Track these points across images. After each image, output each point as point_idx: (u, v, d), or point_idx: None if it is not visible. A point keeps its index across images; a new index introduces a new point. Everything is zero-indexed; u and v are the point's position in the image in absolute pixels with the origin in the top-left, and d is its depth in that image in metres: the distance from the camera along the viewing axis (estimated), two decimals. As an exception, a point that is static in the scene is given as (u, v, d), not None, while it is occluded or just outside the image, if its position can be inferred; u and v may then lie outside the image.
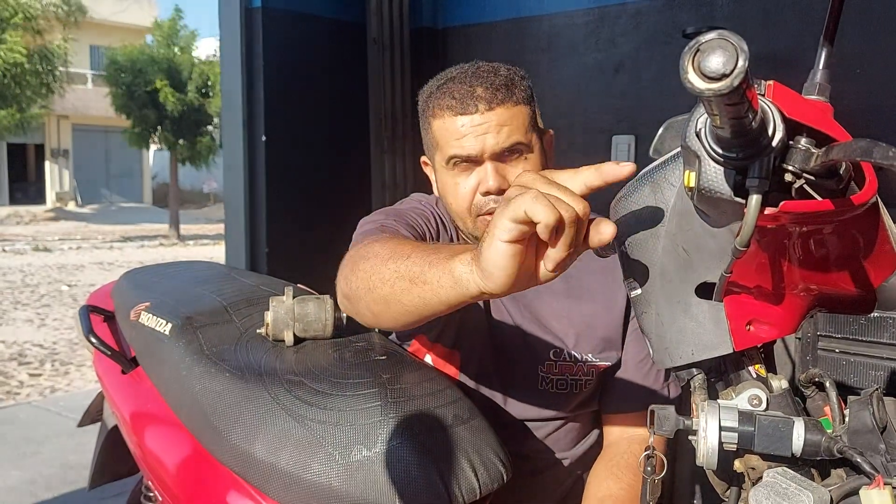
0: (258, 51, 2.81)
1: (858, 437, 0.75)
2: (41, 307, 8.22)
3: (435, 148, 1.30)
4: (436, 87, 1.28)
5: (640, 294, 0.84)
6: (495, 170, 1.23)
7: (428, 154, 1.36)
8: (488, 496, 1.08)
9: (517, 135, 1.23)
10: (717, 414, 0.78)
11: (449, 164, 1.26)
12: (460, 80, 1.25)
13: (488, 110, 1.22)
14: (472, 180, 1.25)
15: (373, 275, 0.97)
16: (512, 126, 1.23)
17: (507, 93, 1.23)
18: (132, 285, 1.55)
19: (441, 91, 1.26)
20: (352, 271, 1.04)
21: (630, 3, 2.76)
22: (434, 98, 1.27)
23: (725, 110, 0.56)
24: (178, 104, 17.02)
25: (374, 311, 1.00)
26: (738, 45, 0.52)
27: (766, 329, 0.79)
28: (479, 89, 1.22)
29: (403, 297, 0.91)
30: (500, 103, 1.22)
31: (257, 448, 1.07)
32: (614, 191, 0.86)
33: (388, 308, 0.96)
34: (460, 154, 1.24)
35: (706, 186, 0.65)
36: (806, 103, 0.68)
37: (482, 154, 1.23)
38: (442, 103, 1.25)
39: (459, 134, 1.23)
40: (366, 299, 0.99)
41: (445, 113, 1.24)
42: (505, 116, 1.22)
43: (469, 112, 1.22)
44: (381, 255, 0.98)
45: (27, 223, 20.65)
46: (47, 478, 3.40)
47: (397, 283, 0.92)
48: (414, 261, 0.90)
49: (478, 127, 1.22)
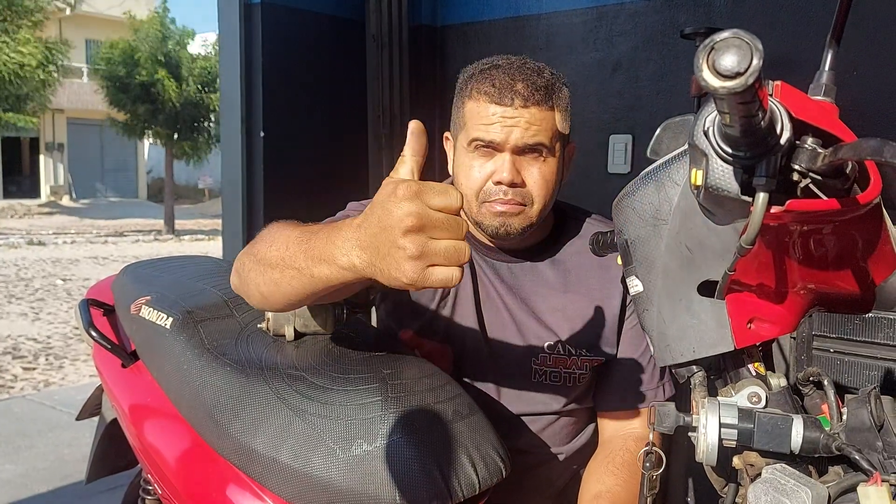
0: (257, 46, 2.81)
1: (856, 434, 0.76)
2: (35, 301, 8.20)
3: (461, 127, 1.32)
4: (478, 70, 1.30)
5: (642, 291, 0.85)
6: (512, 163, 1.26)
7: (452, 131, 1.38)
8: (487, 491, 1.08)
9: (542, 136, 1.25)
10: (717, 411, 0.78)
11: (470, 146, 1.28)
12: (504, 70, 1.27)
13: (522, 107, 1.24)
14: (489, 167, 1.27)
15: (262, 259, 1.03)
16: (540, 127, 1.25)
17: (545, 95, 1.26)
18: (132, 279, 1.54)
19: (482, 75, 1.28)
20: (246, 254, 1.11)
21: (628, 3, 2.77)
22: (474, 80, 1.29)
23: (737, 109, 0.57)
24: (179, 97, 16.96)
25: (262, 292, 1.05)
26: (752, 43, 0.53)
27: (767, 327, 0.80)
28: (520, 85, 1.25)
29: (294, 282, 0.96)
30: (535, 103, 1.24)
31: (258, 442, 1.07)
32: (618, 189, 0.87)
33: (277, 289, 1.01)
34: (484, 138, 1.26)
35: (713, 184, 0.65)
36: (812, 104, 0.69)
37: (504, 144, 1.25)
38: (481, 87, 1.27)
39: (489, 120, 1.25)
40: (256, 281, 1.05)
41: (482, 98, 1.26)
42: (537, 117, 1.25)
43: (504, 104, 1.24)
44: (268, 241, 1.04)
45: (21, 217, 20.58)
46: (42, 471, 3.40)
47: (286, 270, 0.97)
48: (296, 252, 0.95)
49: (508, 119, 1.24)
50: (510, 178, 1.25)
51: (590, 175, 2.88)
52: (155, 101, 17.05)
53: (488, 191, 1.28)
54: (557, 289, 1.37)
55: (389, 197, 0.79)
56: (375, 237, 0.80)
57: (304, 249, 0.94)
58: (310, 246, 0.93)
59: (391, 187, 0.80)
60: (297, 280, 0.95)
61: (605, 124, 2.84)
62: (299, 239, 0.97)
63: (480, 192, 1.29)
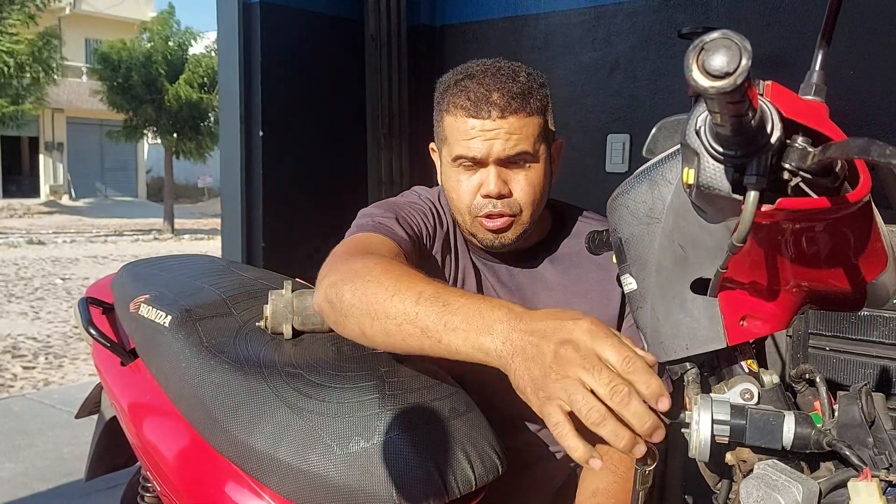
0: (256, 46, 2.81)
1: (847, 431, 0.77)
2: (35, 300, 8.20)
3: (443, 142, 1.31)
4: (453, 81, 1.29)
5: (635, 289, 0.86)
6: (498, 175, 1.25)
7: (437, 143, 1.38)
8: (483, 488, 1.09)
9: (524, 144, 1.24)
10: (710, 407, 0.79)
11: (454, 162, 1.28)
12: (479, 80, 1.25)
13: (500, 118, 1.22)
14: (475, 180, 1.27)
15: (376, 304, 0.96)
16: (521, 135, 1.24)
17: (521, 102, 1.23)
18: (132, 277, 1.55)
19: (458, 87, 1.27)
20: (347, 284, 1.03)
21: (626, 3, 2.78)
22: (450, 94, 1.28)
23: (727, 108, 0.57)
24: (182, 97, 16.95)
25: (366, 334, 1.00)
26: (741, 44, 0.54)
27: (759, 324, 0.81)
28: (495, 94, 1.23)
29: (410, 340, 0.93)
30: (513, 112, 1.23)
31: (256, 439, 1.08)
32: (615, 188, 0.88)
33: (387, 339, 0.97)
34: (466, 155, 1.25)
35: (705, 183, 0.66)
36: (803, 103, 0.70)
37: (487, 158, 1.25)
38: (457, 101, 1.26)
39: (468, 135, 1.24)
40: (361, 321, 0.99)
41: (458, 112, 1.25)
42: (516, 126, 1.23)
43: (482, 117, 1.23)
44: (386, 286, 0.97)
45: (21, 216, 20.57)
46: (42, 470, 3.40)
47: (405, 325, 0.93)
48: (426, 312, 0.91)
49: (488, 132, 1.23)
50: (497, 190, 1.25)
51: (587, 174, 2.89)
52: (156, 99, 17.04)
53: (478, 205, 1.28)
54: (556, 290, 1.38)
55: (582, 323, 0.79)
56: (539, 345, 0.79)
57: (438, 313, 0.90)
58: (448, 310, 0.89)
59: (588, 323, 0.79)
60: (417, 340, 0.92)
61: (603, 124, 2.85)
62: (434, 299, 0.92)
63: (471, 206, 1.29)
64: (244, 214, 2.85)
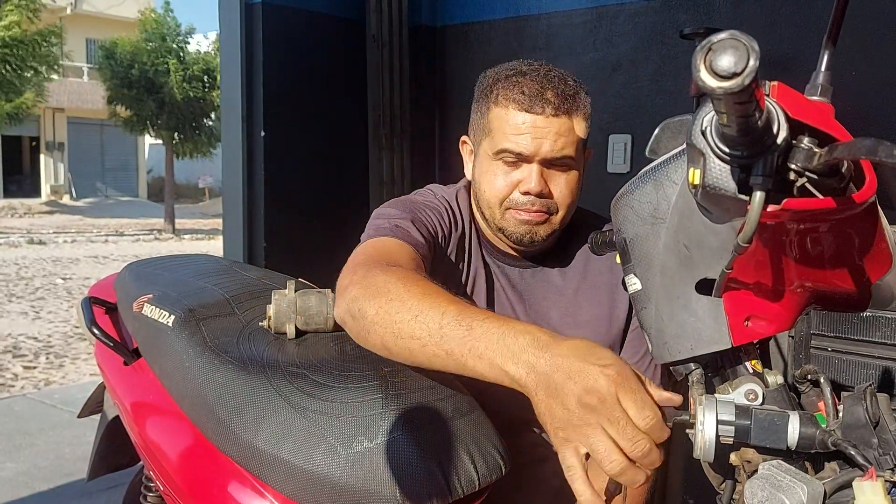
0: (258, 46, 2.81)
1: (852, 431, 0.77)
2: (36, 300, 8.20)
3: (485, 133, 1.31)
4: (504, 76, 1.29)
5: (640, 290, 0.86)
6: (540, 173, 1.26)
7: (473, 136, 1.37)
8: (487, 488, 1.09)
9: (569, 149, 1.26)
10: (715, 408, 0.79)
11: (496, 155, 1.28)
12: (532, 77, 1.27)
13: (553, 116, 1.24)
14: (515, 176, 1.28)
15: (400, 324, 0.96)
16: (567, 139, 1.25)
17: (573, 104, 1.26)
18: (134, 277, 1.55)
19: (510, 82, 1.27)
20: (370, 301, 1.01)
21: (628, 3, 2.78)
22: (502, 86, 1.28)
23: (734, 108, 0.57)
24: (183, 90, 16.95)
25: (390, 350, 1.00)
26: (749, 44, 0.54)
27: (764, 325, 0.81)
28: (550, 93, 1.24)
29: (434, 360, 0.93)
30: (564, 112, 1.25)
31: (260, 439, 1.08)
32: (617, 188, 0.88)
33: (411, 356, 0.97)
34: (513, 150, 1.26)
35: (711, 183, 0.66)
36: (809, 104, 0.70)
37: (534, 156, 1.25)
38: (510, 94, 1.26)
39: (519, 130, 1.25)
40: (385, 338, 0.99)
41: (511, 105, 1.26)
42: (565, 127, 1.25)
43: (535, 112, 1.24)
44: (409, 305, 0.96)
45: (22, 216, 20.57)
46: (43, 469, 3.41)
47: (429, 347, 0.92)
48: (450, 336, 0.90)
49: (539, 129, 1.24)
50: (539, 188, 1.26)
51: (589, 175, 2.87)
52: (160, 92, 17.04)
53: (515, 199, 1.29)
54: (567, 295, 1.39)
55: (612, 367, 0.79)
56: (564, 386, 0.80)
57: (463, 338, 0.89)
58: (472, 335, 0.89)
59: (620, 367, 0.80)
60: (441, 361, 0.92)
61: (605, 124, 2.85)
62: (457, 322, 0.91)
63: (506, 199, 1.29)
64: (246, 214, 2.85)
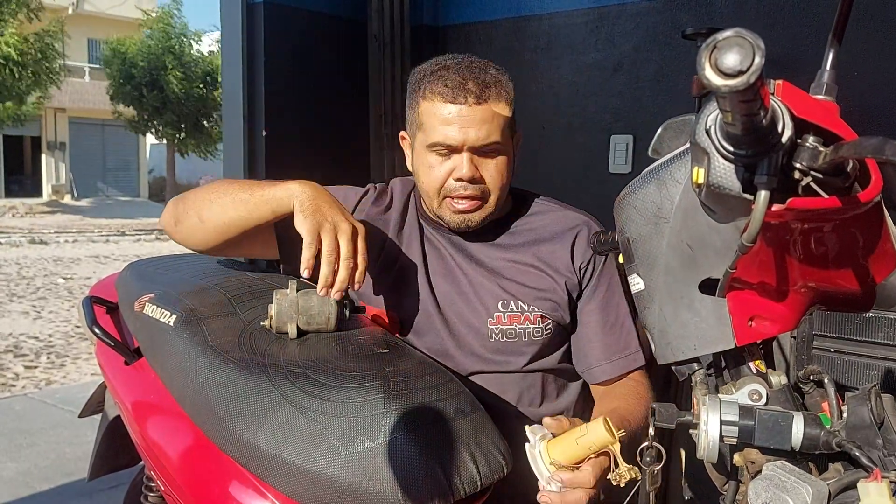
0: (259, 46, 2.81)
1: (856, 431, 0.77)
2: (37, 300, 8.20)
3: (418, 127, 1.38)
4: (430, 71, 1.36)
5: (643, 289, 0.86)
6: (471, 160, 1.33)
7: (409, 130, 1.44)
8: (489, 488, 1.09)
9: (496, 134, 1.32)
10: (718, 408, 0.79)
11: (430, 149, 1.35)
12: (455, 70, 1.33)
13: (476, 104, 1.30)
14: (448, 165, 1.35)
15: (215, 189, 1.34)
16: (493, 125, 1.32)
17: (495, 92, 1.32)
18: (136, 277, 1.55)
19: (434, 76, 1.34)
20: (190, 193, 1.40)
21: (629, 4, 2.77)
22: (427, 81, 1.35)
23: (739, 107, 0.57)
24: (182, 89, 16.96)
25: (202, 216, 1.34)
26: (754, 42, 0.53)
27: (768, 325, 0.80)
28: (471, 83, 1.31)
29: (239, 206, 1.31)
30: (486, 100, 1.31)
31: (261, 438, 1.08)
32: (619, 189, 0.87)
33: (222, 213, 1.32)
34: (443, 143, 1.33)
35: (715, 183, 0.66)
36: (813, 102, 0.69)
37: (462, 145, 1.32)
38: (434, 88, 1.33)
39: (445, 121, 1.31)
40: (200, 207, 1.35)
41: (436, 98, 1.32)
42: (489, 114, 1.31)
43: (458, 102, 1.30)
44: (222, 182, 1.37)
45: (23, 216, 20.56)
46: (44, 469, 3.40)
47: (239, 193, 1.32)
48: (258, 185, 1.32)
49: (464, 118, 1.30)
50: (470, 174, 1.33)
51: (591, 175, 2.89)
52: (163, 90, 17.04)
53: (449, 187, 1.36)
54: (510, 250, 1.44)
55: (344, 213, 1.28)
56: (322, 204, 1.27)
57: (266, 183, 1.32)
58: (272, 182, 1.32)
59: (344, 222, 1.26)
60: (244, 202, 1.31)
61: (607, 124, 2.85)
62: (264, 181, 1.34)
63: (441, 188, 1.36)
64: (247, 214, 2.84)
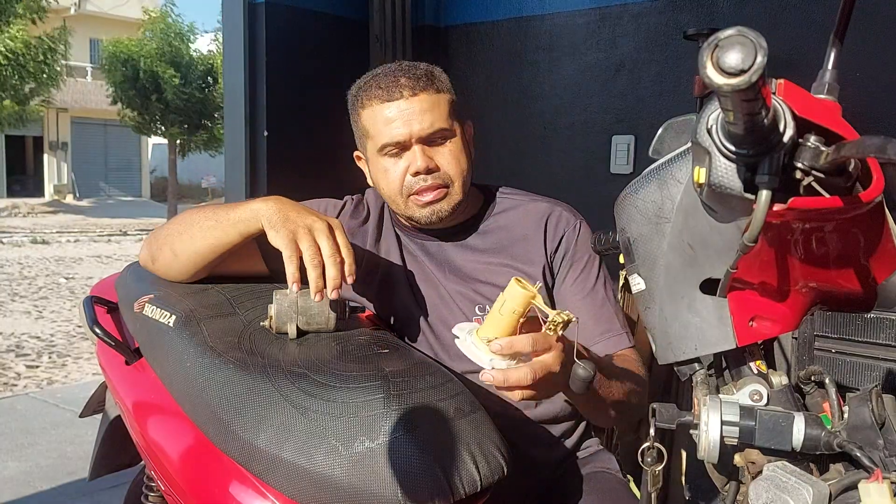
0: (261, 46, 2.81)
1: (857, 432, 0.76)
2: (39, 299, 8.21)
3: (366, 138, 1.39)
4: (363, 82, 1.39)
5: (644, 289, 0.85)
6: (423, 151, 1.34)
7: (360, 146, 1.45)
8: (489, 488, 1.09)
9: (440, 122, 1.34)
10: (719, 408, 0.79)
11: (381, 152, 1.36)
12: (384, 72, 1.36)
13: (412, 96, 1.32)
14: (402, 164, 1.35)
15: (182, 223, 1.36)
16: (434, 113, 1.33)
17: (427, 81, 1.34)
18: (136, 277, 1.55)
19: (368, 84, 1.37)
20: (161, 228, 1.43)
21: (631, 4, 2.77)
22: (362, 91, 1.38)
23: (741, 106, 0.57)
24: (180, 93, 16.99)
25: (175, 250, 1.36)
26: (756, 41, 0.53)
27: (769, 325, 0.80)
28: (403, 79, 1.33)
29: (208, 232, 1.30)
30: (422, 90, 1.33)
31: (261, 439, 1.07)
32: (620, 189, 0.87)
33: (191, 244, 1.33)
34: (390, 141, 1.34)
35: (716, 182, 0.65)
36: (815, 102, 0.69)
37: (410, 139, 1.33)
38: (370, 93, 1.35)
39: (388, 121, 1.33)
40: (172, 241, 1.36)
41: (373, 102, 1.34)
42: (427, 103, 1.33)
43: (395, 98, 1.33)
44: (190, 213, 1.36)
45: (25, 215, 20.59)
46: (45, 469, 3.40)
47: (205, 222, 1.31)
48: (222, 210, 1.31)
49: (404, 112, 1.32)
50: (425, 165, 1.33)
51: (592, 175, 2.88)
52: (164, 92, 17.06)
53: (409, 184, 1.36)
54: (484, 253, 1.43)
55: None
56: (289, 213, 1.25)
57: (229, 207, 1.30)
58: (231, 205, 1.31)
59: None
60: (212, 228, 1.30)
61: (608, 125, 2.85)
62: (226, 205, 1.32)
63: (403, 188, 1.36)
64: (248, 214, 2.84)
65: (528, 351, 0.99)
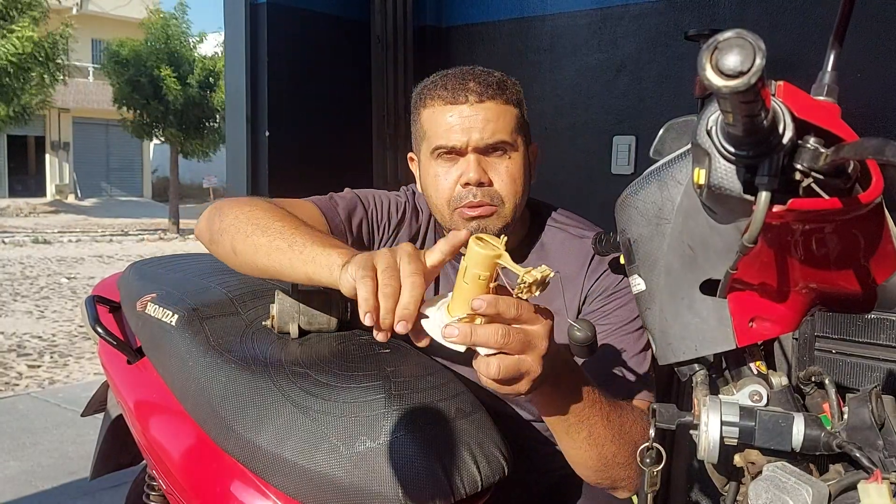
0: (262, 46, 2.82)
1: (857, 433, 0.76)
2: (40, 299, 8.21)
3: (422, 138, 1.32)
4: (430, 81, 1.32)
5: (644, 290, 0.86)
6: (477, 162, 1.25)
7: (415, 147, 1.38)
8: (489, 488, 1.09)
9: (502, 133, 1.25)
10: (719, 409, 0.79)
11: (433, 154, 1.29)
12: (454, 75, 1.29)
13: (478, 103, 1.24)
14: (455, 172, 1.27)
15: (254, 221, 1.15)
16: (498, 124, 1.25)
17: (497, 90, 1.26)
18: (138, 276, 1.55)
19: (434, 84, 1.30)
20: (231, 209, 1.21)
21: (632, 5, 2.78)
22: (427, 89, 1.31)
23: (740, 108, 0.57)
24: (181, 95, 17.00)
25: (236, 250, 1.17)
26: (755, 43, 0.53)
27: (769, 326, 0.80)
28: (472, 83, 1.26)
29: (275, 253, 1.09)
30: (489, 98, 1.25)
31: (262, 438, 1.08)
32: (621, 190, 0.87)
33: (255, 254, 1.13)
34: (445, 145, 1.26)
35: (716, 184, 0.66)
36: (815, 103, 0.69)
37: (466, 147, 1.25)
38: (435, 93, 1.28)
39: (447, 125, 1.25)
40: (234, 238, 1.17)
41: (436, 102, 1.27)
42: (493, 112, 1.25)
43: (459, 102, 1.25)
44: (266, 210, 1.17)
45: (27, 215, 20.62)
46: (46, 468, 3.41)
47: (276, 240, 1.10)
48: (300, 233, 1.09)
49: (466, 119, 1.24)
50: (477, 177, 1.24)
51: (593, 176, 2.89)
52: (164, 97, 17.08)
53: (458, 195, 1.27)
54: None
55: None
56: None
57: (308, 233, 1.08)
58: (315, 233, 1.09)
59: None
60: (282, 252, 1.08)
61: (609, 125, 2.85)
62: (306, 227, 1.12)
63: (451, 199, 1.28)
64: (250, 214, 2.85)
65: (511, 315, 0.85)
